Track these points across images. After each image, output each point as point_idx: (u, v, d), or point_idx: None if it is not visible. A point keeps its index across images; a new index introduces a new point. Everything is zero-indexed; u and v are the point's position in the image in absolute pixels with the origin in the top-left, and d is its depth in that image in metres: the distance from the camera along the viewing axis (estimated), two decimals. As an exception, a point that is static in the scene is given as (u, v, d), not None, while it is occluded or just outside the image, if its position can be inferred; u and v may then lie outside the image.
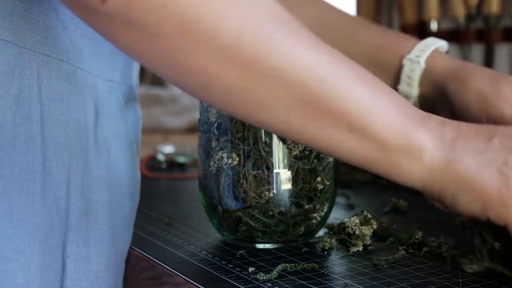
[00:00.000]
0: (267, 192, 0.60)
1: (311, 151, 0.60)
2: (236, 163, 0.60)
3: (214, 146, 0.61)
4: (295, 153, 0.60)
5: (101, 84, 0.60)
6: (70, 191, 0.57)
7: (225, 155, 0.60)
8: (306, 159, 0.60)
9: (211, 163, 0.61)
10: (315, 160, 0.61)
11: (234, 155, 0.60)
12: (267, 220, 0.61)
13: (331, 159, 0.62)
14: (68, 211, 0.57)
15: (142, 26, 0.47)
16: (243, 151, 0.60)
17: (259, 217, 0.60)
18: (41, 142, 0.56)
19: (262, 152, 0.59)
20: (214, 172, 0.61)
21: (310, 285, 0.53)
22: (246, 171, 0.60)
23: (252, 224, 0.61)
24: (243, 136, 0.60)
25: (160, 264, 0.60)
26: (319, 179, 0.61)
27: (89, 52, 0.58)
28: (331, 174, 0.62)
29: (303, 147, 0.60)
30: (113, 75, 0.61)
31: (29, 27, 0.55)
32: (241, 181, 0.60)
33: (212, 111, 0.62)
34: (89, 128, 0.58)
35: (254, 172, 0.60)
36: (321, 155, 0.61)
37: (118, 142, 0.62)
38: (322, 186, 0.61)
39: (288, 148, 0.60)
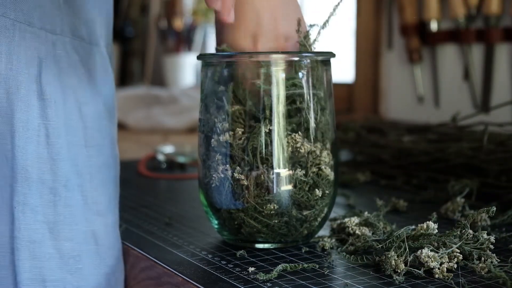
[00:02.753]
0: (268, 204, 0.60)
1: (306, 170, 0.60)
2: (236, 170, 0.60)
3: (214, 156, 0.61)
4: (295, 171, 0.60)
5: (45, 37, 0.60)
6: (14, 144, 0.58)
7: (227, 166, 0.60)
8: (304, 176, 0.60)
9: (211, 169, 0.61)
10: (312, 175, 0.61)
11: (235, 166, 0.60)
12: (270, 222, 0.61)
13: (331, 177, 0.62)
14: (14, 164, 0.58)
15: None
16: (243, 160, 0.60)
17: (263, 219, 0.60)
18: None
19: (261, 168, 0.59)
20: (214, 174, 0.61)
21: (310, 285, 0.53)
22: (247, 176, 0.60)
23: (256, 225, 0.61)
24: (243, 150, 0.60)
25: (160, 264, 0.60)
26: (318, 191, 0.61)
27: (30, 5, 0.58)
28: (332, 182, 0.62)
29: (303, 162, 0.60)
30: (61, 29, 0.61)
31: None
32: (242, 184, 0.60)
33: (201, 109, 0.62)
34: (32, 81, 0.58)
35: (255, 173, 0.60)
36: (320, 172, 0.61)
37: (72, 95, 0.62)
38: (322, 194, 0.61)
39: (288, 163, 0.60)
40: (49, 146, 0.59)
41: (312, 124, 0.61)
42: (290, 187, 0.60)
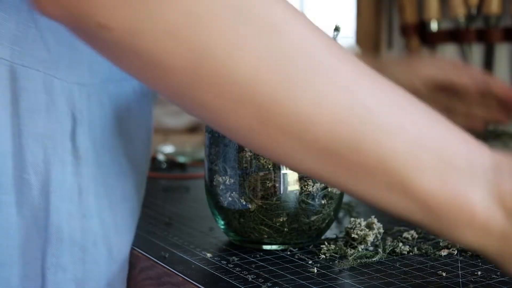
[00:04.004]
0: (275, 206, 0.60)
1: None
2: (243, 170, 0.60)
3: (220, 156, 0.61)
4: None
5: (79, 91, 0.58)
6: (49, 202, 0.56)
7: (234, 167, 0.60)
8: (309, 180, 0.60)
9: (218, 169, 0.61)
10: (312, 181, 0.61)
11: (242, 167, 0.60)
12: (279, 227, 0.61)
13: None
14: (47, 223, 0.56)
15: (151, 57, 0.42)
16: (250, 160, 0.60)
17: (269, 222, 0.60)
18: (19, 155, 0.55)
19: (268, 168, 0.59)
20: (221, 175, 0.61)
21: (310, 285, 0.53)
22: (254, 177, 0.60)
23: (262, 228, 0.61)
24: (250, 150, 0.59)
25: (160, 264, 0.60)
26: (323, 201, 0.61)
27: (67, 60, 0.57)
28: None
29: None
30: (93, 79, 0.59)
31: (8, 38, 0.54)
32: (249, 185, 0.60)
33: None
34: (66, 138, 0.57)
35: (262, 174, 0.60)
36: None
37: (102, 149, 0.60)
38: (329, 197, 0.61)
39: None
40: (81, 204, 0.58)
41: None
42: (297, 188, 0.60)
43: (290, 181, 0.60)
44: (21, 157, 0.55)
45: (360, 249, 0.60)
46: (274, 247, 0.62)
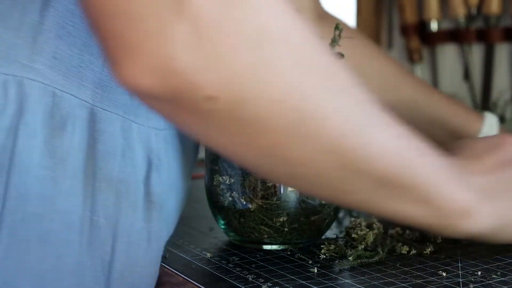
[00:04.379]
0: (276, 206, 0.60)
1: None
2: (244, 170, 0.60)
3: (221, 156, 0.61)
4: None
5: (156, 135, 0.57)
6: (115, 247, 0.55)
7: (234, 167, 0.60)
8: None
9: (219, 169, 0.61)
10: None
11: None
12: (279, 227, 0.61)
13: None
14: (111, 268, 0.55)
15: (251, 122, 0.45)
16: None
17: (268, 222, 0.60)
18: (91, 196, 0.53)
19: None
20: (221, 175, 0.61)
21: (310, 285, 0.53)
22: (254, 177, 0.60)
23: (263, 228, 0.61)
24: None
25: (160, 264, 0.60)
26: (324, 201, 0.61)
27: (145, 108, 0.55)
28: None
29: None
30: (169, 123, 0.58)
31: (92, 81, 0.53)
32: (249, 185, 0.60)
33: None
34: (140, 183, 0.55)
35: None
36: None
37: (174, 193, 0.59)
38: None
39: None
40: (149, 250, 0.56)
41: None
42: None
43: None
44: (93, 199, 0.54)
45: (360, 249, 0.60)
46: (274, 247, 0.62)
